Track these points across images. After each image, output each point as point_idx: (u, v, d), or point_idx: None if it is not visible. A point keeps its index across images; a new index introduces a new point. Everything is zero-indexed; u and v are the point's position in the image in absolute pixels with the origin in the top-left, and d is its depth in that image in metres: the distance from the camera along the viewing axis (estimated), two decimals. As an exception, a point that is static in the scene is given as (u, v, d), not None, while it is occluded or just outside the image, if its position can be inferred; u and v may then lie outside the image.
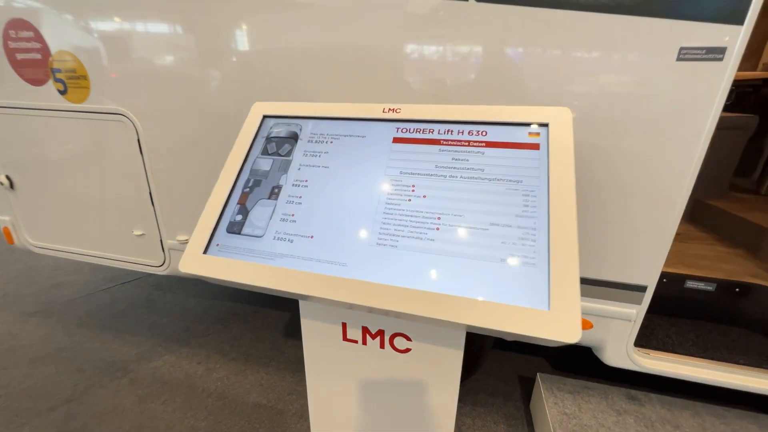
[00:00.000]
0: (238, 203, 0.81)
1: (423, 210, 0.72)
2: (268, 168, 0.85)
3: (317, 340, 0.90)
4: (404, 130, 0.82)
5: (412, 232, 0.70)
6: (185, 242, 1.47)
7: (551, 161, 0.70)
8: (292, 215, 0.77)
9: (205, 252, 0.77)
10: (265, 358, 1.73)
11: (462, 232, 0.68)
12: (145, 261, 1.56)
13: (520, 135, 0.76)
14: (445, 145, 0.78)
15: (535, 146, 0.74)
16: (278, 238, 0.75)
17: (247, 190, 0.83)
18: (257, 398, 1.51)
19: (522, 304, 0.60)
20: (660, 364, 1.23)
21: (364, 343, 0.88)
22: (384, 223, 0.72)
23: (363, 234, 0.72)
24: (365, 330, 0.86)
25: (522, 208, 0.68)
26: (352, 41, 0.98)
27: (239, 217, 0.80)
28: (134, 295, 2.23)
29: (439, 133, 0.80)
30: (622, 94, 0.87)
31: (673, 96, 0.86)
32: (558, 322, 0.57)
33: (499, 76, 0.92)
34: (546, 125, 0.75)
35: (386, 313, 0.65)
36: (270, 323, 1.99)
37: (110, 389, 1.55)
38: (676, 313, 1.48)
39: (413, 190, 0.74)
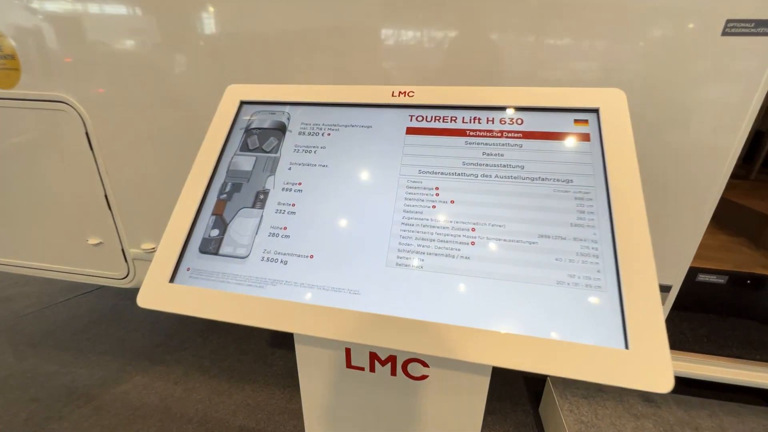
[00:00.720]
0: (213, 214, 0.64)
1: (452, 219, 0.57)
2: (249, 168, 0.67)
3: (315, 368, 0.75)
4: (420, 118, 0.67)
5: (440, 248, 0.56)
6: (153, 251, 1.27)
7: (608, 156, 0.57)
8: (284, 229, 0.61)
9: (172, 280, 0.60)
10: (251, 374, 1.57)
11: (504, 248, 0.54)
12: (106, 273, 1.34)
13: (563, 123, 0.62)
14: (473, 136, 0.63)
15: (584, 137, 0.60)
16: (268, 259, 0.59)
17: (224, 196, 0.66)
18: (244, 420, 1.36)
19: (589, 341, 0.47)
20: (679, 365, 1.17)
21: (372, 370, 0.74)
22: (404, 237, 0.57)
23: (377, 252, 0.57)
24: (373, 356, 0.72)
25: (576, 215, 0.55)
26: (336, 19, 0.81)
27: (215, 233, 0.63)
28: (97, 307, 2.00)
29: (463, 121, 0.65)
30: (656, 76, 0.75)
31: (715, 77, 0.74)
32: (641, 366, 0.45)
33: (525, 51, 0.77)
34: (595, 111, 0.61)
35: (416, 354, 0.51)
36: (255, 332, 1.82)
37: (71, 421, 1.35)
38: (687, 307, 1.43)
39: (437, 194, 0.60)
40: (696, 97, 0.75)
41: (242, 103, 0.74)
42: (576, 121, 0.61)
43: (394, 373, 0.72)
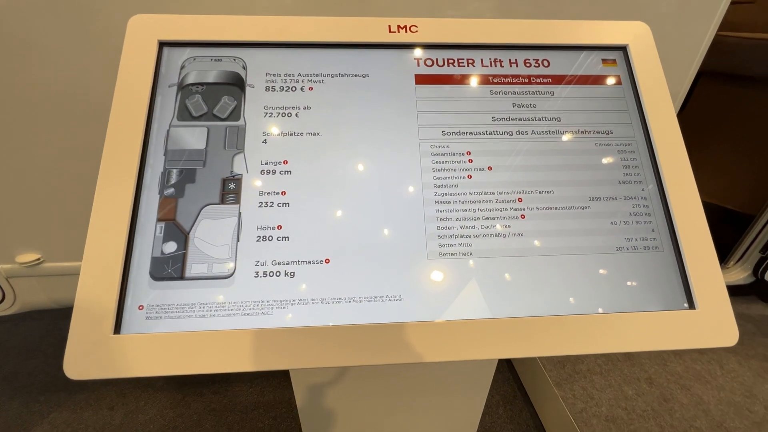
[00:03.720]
0: (160, 220, 0.43)
1: (495, 190, 0.47)
2: (201, 144, 0.46)
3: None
4: (429, 62, 0.52)
5: (487, 227, 0.46)
6: (35, 263, 0.93)
7: (646, 100, 0.51)
8: (279, 228, 0.44)
9: (117, 329, 0.40)
10: (206, 375, 1.37)
11: (557, 217, 0.47)
12: (-35, 303, 0.96)
13: (592, 64, 0.54)
14: (498, 83, 0.52)
15: (615, 80, 0.53)
16: (265, 274, 0.43)
17: (171, 191, 0.44)
18: (213, 428, 1.20)
19: (657, 308, 0.44)
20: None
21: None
22: (442, 220, 0.46)
23: (414, 243, 0.45)
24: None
25: (623, 171, 0.49)
26: None
27: (171, 247, 0.43)
28: (-39, 342, 1.49)
29: (483, 64, 0.53)
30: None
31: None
32: (708, 324, 0.43)
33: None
34: (623, 48, 0.54)
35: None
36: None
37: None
38: None
39: (471, 161, 0.48)
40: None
41: (162, 45, 0.49)
42: (605, 61, 0.54)
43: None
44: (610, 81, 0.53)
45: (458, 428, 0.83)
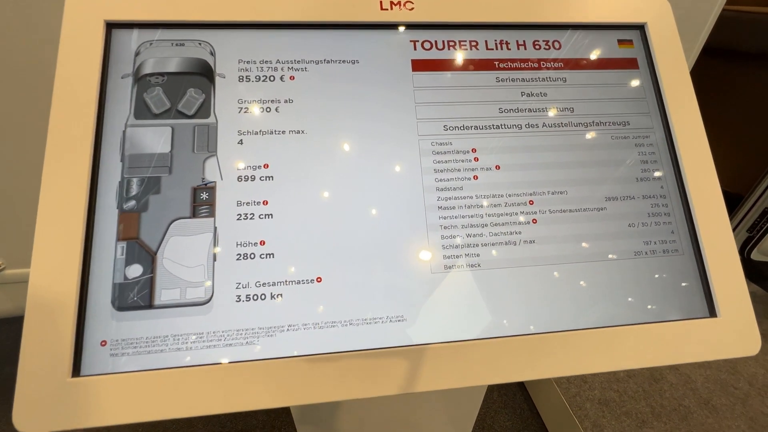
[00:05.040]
0: (121, 239, 0.37)
1: (504, 192, 0.42)
2: (165, 147, 0.39)
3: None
4: (428, 45, 0.45)
5: (496, 234, 0.41)
6: (-5, 271, 0.86)
7: (666, 88, 0.46)
8: (262, 243, 0.38)
9: (76, 371, 0.34)
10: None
11: (571, 220, 0.43)
12: None
13: (607, 46, 0.48)
14: (505, 69, 0.46)
15: (632, 63, 0.48)
16: (248, 298, 0.37)
17: (132, 204, 0.38)
18: (205, 426, 1.17)
19: (677, 317, 0.41)
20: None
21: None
22: (446, 228, 0.41)
23: (416, 254, 0.40)
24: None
25: (641, 166, 0.45)
26: None
27: (136, 270, 0.37)
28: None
29: (488, 47, 0.46)
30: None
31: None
32: (731, 332, 0.41)
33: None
34: (640, 27, 0.49)
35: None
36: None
37: None
38: None
39: (476, 159, 0.43)
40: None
41: (110, 26, 0.41)
42: (620, 41, 0.49)
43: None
44: (627, 65, 0.48)
45: (459, 416, 0.82)
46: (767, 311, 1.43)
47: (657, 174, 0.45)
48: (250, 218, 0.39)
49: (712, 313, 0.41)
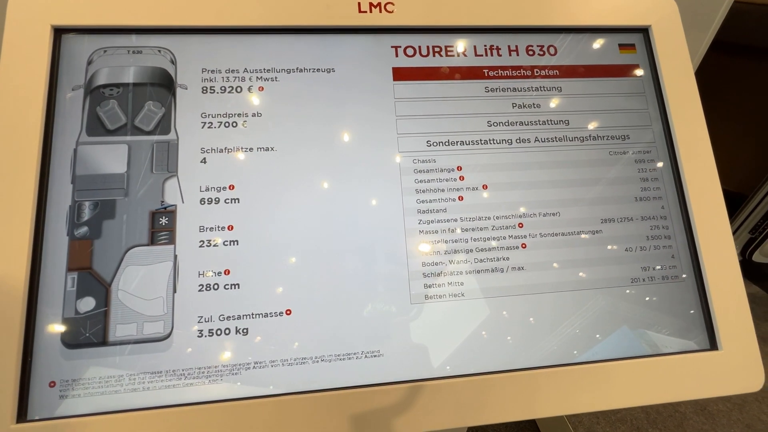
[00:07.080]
0: (72, 269, 0.34)
1: (491, 214, 0.39)
2: (120, 168, 0.36)
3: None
4: (411, 52, 0.42)
5: (482, 260, 0.38)
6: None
7: (670, 99, 0.43)
8: (227, 273, 0.35)
9: (22, 416, 0.31)
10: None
11: (564, 244, 0.40)
12: None
13: (607, 51, 0.44)
14: (495, 78, 0.42)
15: (635, 70, 0.44)
16: (211, 333, 0.34)
17: (84, 231, 0.35)
18: None
19: (676, 349, 0.38)
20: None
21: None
22: (427, 254, 0.38)
23: (394, 284, 0.37)
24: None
25: (640, 185, 0.42)
26: None
27: (89, 304, 0.34)
28: None
29: (477, 53, 0.43)
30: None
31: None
32: (733, 367, 0.38)
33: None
34: (644, 30, 0.45)
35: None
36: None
37: None
38: None
39: (462, 178, 0.40)
40: None
41: (58, 32, 0.37)
42: (622, 46, 0.45)
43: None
44: (628, 72, 0.44)
45: None
46: (767, 314, 1.41)
47: (657, 192, 0.42)
48: (214, 245, 0.36)
49: (713, 346, 0.38)
